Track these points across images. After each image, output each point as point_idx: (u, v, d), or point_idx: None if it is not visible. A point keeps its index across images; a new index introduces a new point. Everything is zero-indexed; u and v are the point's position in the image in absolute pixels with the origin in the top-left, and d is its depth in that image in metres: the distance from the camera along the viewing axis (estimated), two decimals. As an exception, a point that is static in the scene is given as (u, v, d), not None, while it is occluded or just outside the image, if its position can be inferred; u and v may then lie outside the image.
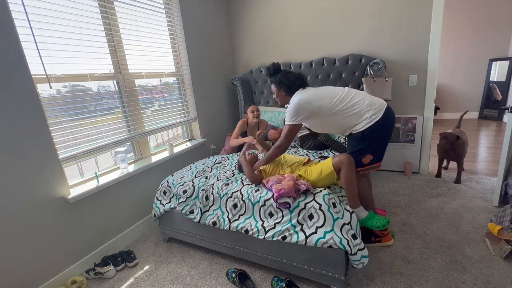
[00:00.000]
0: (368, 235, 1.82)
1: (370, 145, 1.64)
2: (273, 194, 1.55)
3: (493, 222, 1.90)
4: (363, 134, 1.62)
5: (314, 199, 1.49)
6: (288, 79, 1.77)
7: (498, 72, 5.05)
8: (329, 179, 1.63)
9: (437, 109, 5.51)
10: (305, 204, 1.49)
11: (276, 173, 1.81)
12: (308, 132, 2.60)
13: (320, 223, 1.44)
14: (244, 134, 2.78)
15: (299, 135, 2.76)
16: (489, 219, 2.01)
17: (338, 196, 1.59)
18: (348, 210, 1.51)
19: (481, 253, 1.72)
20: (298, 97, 1.69)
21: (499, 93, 4.99)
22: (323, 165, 1.65)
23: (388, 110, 1.64)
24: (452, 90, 5.49)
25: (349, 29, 2.92)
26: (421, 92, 2.80)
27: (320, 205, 1.45)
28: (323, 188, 1.59)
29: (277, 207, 1.54)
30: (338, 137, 2.66)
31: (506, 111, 2.08)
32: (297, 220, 1.49)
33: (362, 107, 1.62)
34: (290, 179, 1.62)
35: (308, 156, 2.21)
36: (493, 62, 5.05)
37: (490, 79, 5.13)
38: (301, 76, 1.79)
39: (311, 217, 1.46)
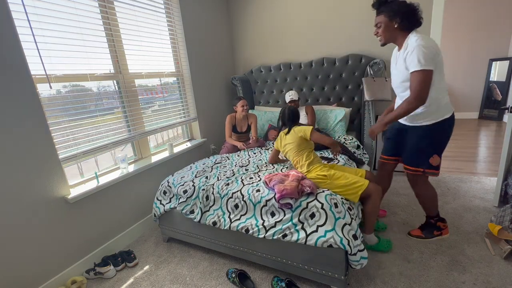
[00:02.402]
0: (431, 229, 1.89)
1: (436, 143, 1.53)
2: (275, 194, 1.55)
3: (493, 222, 1.89)
4: (435, 127, 1.49)
5: (316, 198, 1.50)
6: (408, 7, 1.44)
7: (498, 72, 5.05)
8: (349, 195, 1.61)
9: (437, 109, 5.50)
10: (307, 203, 1.49)
11: (299, 154, 1.84)
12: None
13: (322, 221, 1.44)
14: (233, 128, 2.80)
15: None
16: (489, 219, 2.01)
17: (341, 198, 1.58)
18: (349, 211, 1.51)
19: (481, 253, 1.72)
20: (425, 40, 1.40)
21: (499, 93, 4.99)
22: (353, 181, 1.61)
23: (453, 113, 1.58)
24: (452, 90, 5.49)
25: (349, 29, 2.92)
26: (421, 92, 2.79)
27: (322, 204, 1.46)
28: (326, 189, 1.60)
29: (279, 207, 1.55)
30: (339, 137, 2.66)
31: (506, 111, 2.08)
32: (298, 219, 1.49)
33: (445, 92, 1.51)
34: (294, 179, 1.61)
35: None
36: (493, 62, 5.05)
37: (490, 79, 5.13)
38: (419, 10, 1.48)
39: (312, 216, 1.47)
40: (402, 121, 1.72)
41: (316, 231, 1.45)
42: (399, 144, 1.79)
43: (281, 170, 1.98)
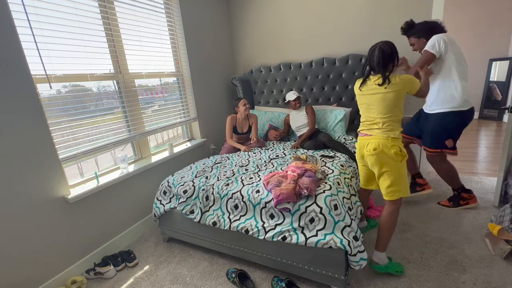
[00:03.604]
0: (457, 200, 2.21)
1: (450, 129, 1.93)
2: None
3: (493, 222, 1.90)
4: (448, 115, 1.91)
5: (315, 201, 1.48)
6: (428, 24, 1.95)
7: (498, 72, 5.05)
8: (393, 191, 1.52)
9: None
10: (306, 207, 1.48)
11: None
12: (306, 132, 2.61)
13: (321, 226, 1.45)
14: (234, 129, 2.79)
15: (298, 134, 2.76)
16: (489, 219, 2.01)
17: (344, 197, 1.58)
18: (349, 211, 1.51)
19: (481, 253, 1.72)
20: (439, 35, 1.85)
21: (499, 93, 4.99)
22: (407, 181, 1.55)
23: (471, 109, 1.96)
24: (452, 90, 5.49)
25: (349, 29, 2.92)
26: (421, 92, 2.80)
27: (321, 208, 1.45)
28: (327, 188, 1.56)
29: (278, 211, 1.54)
30: (339, 137, 2.66)
31: (506, 111, 2.11)
32: (298, 224, 1.50)
33: (458, 86, 1.87)
34: (291, 181, 1.59)
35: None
36: (493, 62, 5.05)
37: (490, 79, 5.13)
38: (441, 25, 1.94)
39: (312, 220, 1.46)
40: (424, 109, 2.12)
41: (316, 235, 1.45)
42: (415, 127, 2.21)
43: (281, 168, 1.98)
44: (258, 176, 1.87)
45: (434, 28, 1.92)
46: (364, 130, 1.61)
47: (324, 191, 1.54)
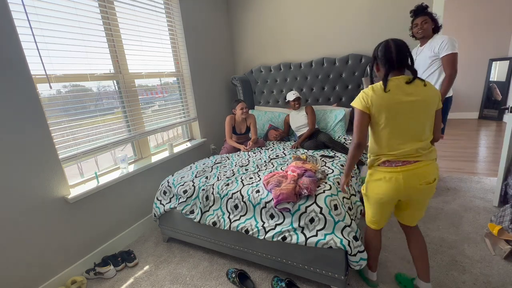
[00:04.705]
0: None
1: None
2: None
3: (493, 222, 1.90)
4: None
5: (315, 201, 1.48)
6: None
7: (498, 72, 5.04)
8: (414, 216, 1.33)
9: (437, 109, 5.50)
10: (306, 207, 1.48)
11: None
12: (306, 132, 2.61)
13: (321, 226, 1.44)
14: (233, 129, 2.80)
15: (298, 134, 2.76)
16: (489, 219, 2.01)
17: (344, 197, 1.58)
18: (349, 211, 1.51)
19: (481, 253, 1.72)
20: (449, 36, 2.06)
21: (499, 93, 4.99)
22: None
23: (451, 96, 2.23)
24: (452, 90, 5.49)
25: (349, 29, 2.92)
26: (421, 92, 2.79)
27: (321, 208, 1.45)
28: (327, 188, 1.56)
29: (278, 210, 1.54)
30: (339, 137, 2.66)
31: (506, 111, 2.13)
32: (298, 224, 1.50)
33: None
34: (291, 181, 1.59)
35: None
36: (493, 62, 5.05)
37: (490, 79, 5.12)
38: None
39: (312, 220, 1.46)
40: None
41: (316, 235, 1.45)
42: None
43: (281, 168, 1.98)
44: (258, 176, 1.87)
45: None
46: (406, 156, 1.17)
47: (324, 191, 1.54)
